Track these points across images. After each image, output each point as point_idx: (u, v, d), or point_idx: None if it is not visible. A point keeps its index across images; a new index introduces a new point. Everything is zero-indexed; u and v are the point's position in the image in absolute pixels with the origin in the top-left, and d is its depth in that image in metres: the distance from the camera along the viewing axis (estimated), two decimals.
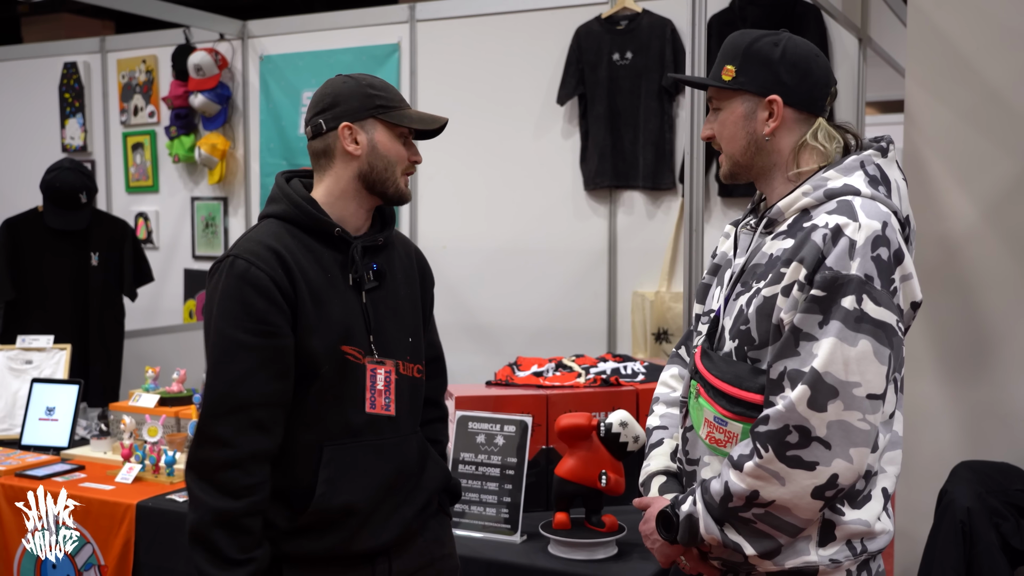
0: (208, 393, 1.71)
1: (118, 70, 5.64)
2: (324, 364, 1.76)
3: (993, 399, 3.08)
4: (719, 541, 1.62)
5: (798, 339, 1.55)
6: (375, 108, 1.81)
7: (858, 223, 1.55)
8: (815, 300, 1.54)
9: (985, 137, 3.08)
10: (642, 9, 4.19)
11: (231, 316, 1.70)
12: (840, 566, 1.60)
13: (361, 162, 1.81)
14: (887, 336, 1.53)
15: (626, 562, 2.28)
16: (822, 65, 1.69)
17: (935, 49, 3.14)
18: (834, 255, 1.54)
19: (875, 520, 1.62)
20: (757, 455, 1.55)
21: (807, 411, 1.51)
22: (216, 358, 1.71)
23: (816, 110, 1.68)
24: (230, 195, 5.34)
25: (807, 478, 1.52)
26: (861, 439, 1.53)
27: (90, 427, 3.45)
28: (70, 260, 4.17)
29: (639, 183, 4.23)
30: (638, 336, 4.26)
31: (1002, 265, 3.07)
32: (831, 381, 1.51)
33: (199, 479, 1.69)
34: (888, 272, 1.54)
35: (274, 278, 1.71)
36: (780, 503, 1.55)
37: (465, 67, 4.60)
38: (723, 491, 1.60)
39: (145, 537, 2.68)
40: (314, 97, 1.86)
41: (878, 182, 1.62)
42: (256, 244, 1.75)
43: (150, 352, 4.55)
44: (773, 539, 1.59)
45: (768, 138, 1.68)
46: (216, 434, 1.68)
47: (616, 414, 2.36)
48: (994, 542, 2.47)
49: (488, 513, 2.43)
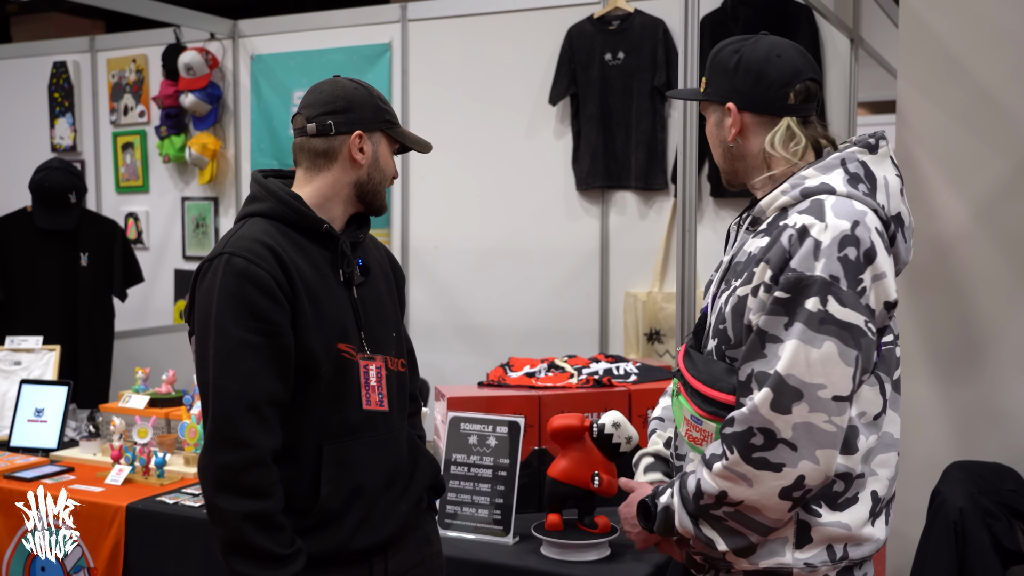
0: (220, 395, 1.66)
1: (108, 69, 5.61)
2: (323, 363, 1.76)
3: (985, 399, 3.09)
4: (693, 535, 1.64)
5: (764, 341, 1.56)
6: (384, 122, 1.85)
7: (824, 223, 1.55)
8: (779, 302, 1.55)
9: (976, 137, 3.09)
10: (634, 9, 4.18)
11: (234, 315, 1.67)
12: (816, 571, 1.59)
13: (362, 171, 1.83)
14: (853, 337, 1.52)
15: (619, 563, 2.27)
16: (781, 66, 1.68)
17: (927, 49, 3.15)
18: (799, 256, 1.54)
19: (860, 525, 1.60)
20: (724, 457, 1.57)
21: (771, 413, 1.52)
22: (223, 358, 1.67)
23: (776, 111, 1.68)
24: (221, 195, 5.31)
25: (774, 479, 1.53)
26: (827, 440, 1.53)
27: (79, 428, 3.43)
28: (59, 261, 4.14)
29: (631, 183, 4.22)
30: (630, 336, 4.26)
31: (994, 265, 3.08)
32: (794, 383, 1.51)
33: (222, 488, 1.65)
34: (856, 272, 1.53)
35: (274, 276, 1.69)
36: (748, 503, 1.56)
37: (457, 67, 4.59)
38: (696, 489, 1.62)
39: (135, 539, 2.67)
40: (320, 95, 1.84)
41: (859, 180, 1.62)
42: (251, 242, 1.71)
43: (140, 353, 4.53)
44: (745, 537, 1.60)
45: (732, 144, 1.72)
46: (236, 436, 1.65)
47: (609, 415, 2.35)
48: (986, 542, 2.48)
49: (480, 515, 2.42)
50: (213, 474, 1.66)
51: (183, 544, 2.62)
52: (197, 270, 1.76)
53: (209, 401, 1.68)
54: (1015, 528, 2.55)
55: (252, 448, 1.65)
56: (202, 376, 1.71)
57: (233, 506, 1.64)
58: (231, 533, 1.65)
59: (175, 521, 2.64)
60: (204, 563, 2.59)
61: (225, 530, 1.66)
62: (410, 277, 4.66)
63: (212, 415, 1.67)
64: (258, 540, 1.64)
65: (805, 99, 1.70)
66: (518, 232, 4.47)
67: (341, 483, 1.77)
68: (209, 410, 1.68)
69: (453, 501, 2.46)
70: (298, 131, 1.85)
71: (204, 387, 1.70)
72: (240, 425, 1.65)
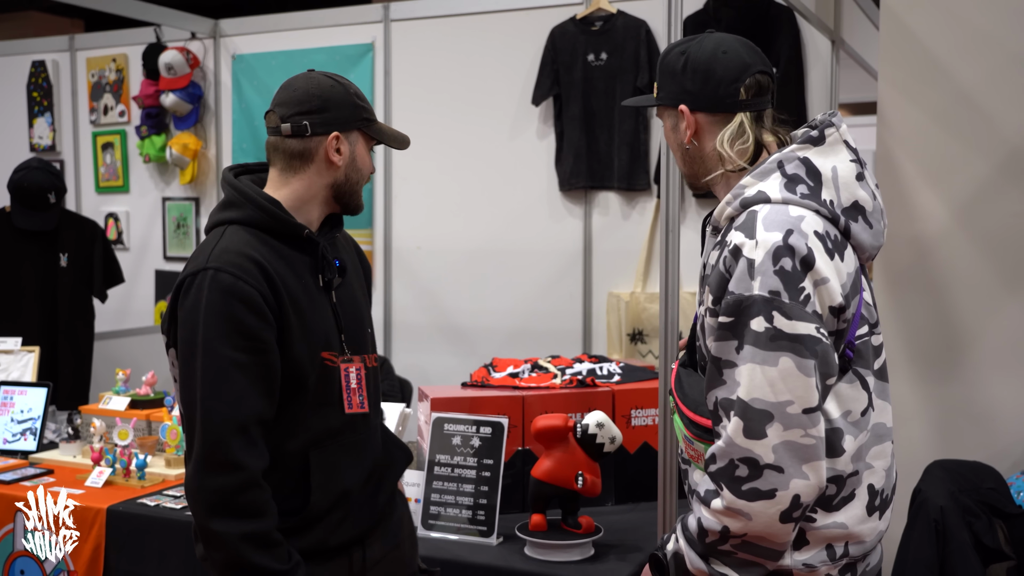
0: (209, 417, 1.61)
1: (88, 69, 5.57)
2: (310, 375, 1.74)
3: (965, 398, 3.11)
4: (707, 573, 1.59)
5: (720, 367, 1.54)
6: (361, 120, 1.80)
7: (755, 240, 1.52)
8: (725, 326, 1.53)
9: (957, 138, 3.11)
10: (617, 10, 4.19)
11: (221, 333, 1.62)
12: (816, 571, 1.57)
13: (339, 172, 1.79)
14: (807, 347, 1.48)
15: (603, 563, 2.27)
16: (728, 62, 1.64)
17: (907, 51, 3.17)
18: (735, 278, 1.52)
19: (858, 522, 1.59)
20: (718, 494, 1.53)
21: (746, 442, 1.49)
22: (211, 379, 1.62)
23: (728, 108, 1.64)
24: (202, 195, 5.28)
25: (771, 507, 1.49)
26: (811, 454, 1.49)
27: (59, 430, 3.40)
28: (38, 261, 4.10)
29: (614, 184, 4.23)
30: (613, 337, 4.26)
31: (974, 265, 3.10)
32: (761, 406, 1.48)
33: (215, 511, 1.61)
34: (796, 282, 1.49)
35: (261, 292, 1.65)
36: (752, 535, 1.52)
37: (440, 67, 4.58)
38: (698, 528, 1.58)
39: (116, 541, 2.65)
40: (295, 93, 1.77)
41: (798, 180, 1.57)
42: (236, 255, 1.66)
43: (120, 354, 4.50)
44: (760, 565, 1.57)
45: (689, 146, 1.69)
46: (228, 459, 1.60)
47: (592, 415, 2.36)
48: (967, 541, 2.49)
49: (464, 515, 2.42)
50: (206, 498, 1.62)
51: (164, 546, 2.60)
52: (179, 284, 1.70)
53: (196, 422, 1.63)
54: (995, 526, 2.57)
55: (244, 470, 1.61)
56: (187, 395, 1.65)
57: (229, 528, 1.61)
58: (229, 555, 1.62)
59: (156, 523, 2.62)
60: (185, 565, 2.57)
61: (223, 553, 1.63)
62: (393, 277, 4.65)
63: (202, 439, 1.62)
64: (257, 559, 1.62)
65: (757, 93, 1.65)
66: (501, 232, 4.47)
67: (328, 487, 1.76)
68: (197, 432, 1.63)
69: (437, 502, 2.45)
70: (271, 129, 1.79)
71: (189, 407, 1.65)
72: (232, 448, 1.61)
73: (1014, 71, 3.05)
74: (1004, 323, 3.07)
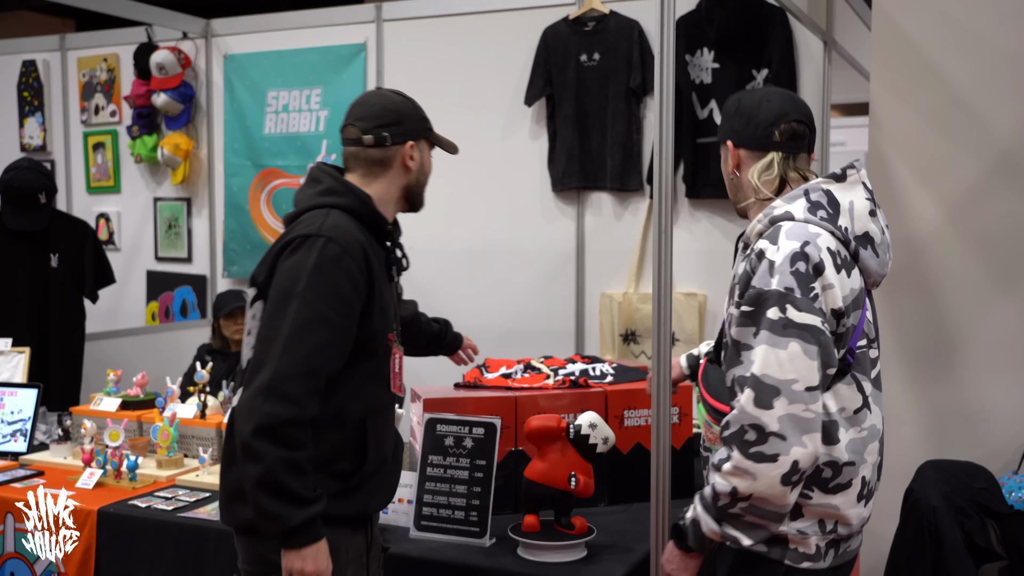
0: (287, 354, 1.80)
1: (78, 68, 5.55)
2: (379, 348, 1.99)
3: (957, 399, 3.12)
4: (720, 535, 1.83)
5: (739, 350, 1.81)
6: (427, 130, 2.10)
7: (777, 246, 1.81)
8: (745, 315, 1.81)
9: (948, 139, 3.12)
10: (609, 10, 4.19)
11: (320, 291, 1.85)
12: (807, 538, 1.84)
13: (411, 176, 2.08)
14: (813, 336, 1.75)
15: (596, 564, 2.27)
16: (769, 109, 1.96)
17: (899, 52, 3.17)
18: (757, 275, 1.81)
19: (849, 507, 1.85)
20: (729, 457, 1.77)
21: (756, 410, 1.74)
22: (300, 325, 1.82)
23: (763, 147, 1.95)
24: (194, 196, 5.27)
25: (773, 469, 1.73)
26: (810, 426, 1.74)
27: (50, 432, 3.38)
28: (29, 261, 4.09)
29: (607, 184, 4.23)
30: (606, 337, 4.26)
31: (965, 266, 3.11)
32: (771, 381, 1.74)
33: (262, 433, 1.77)
34: (808, 282, 1.77)
35: (360, 269, 1.91)
36: (757, 495, 1.75)
37: (432, 68, 4.58)
38: (712, 493, 1.81)
39: (106, 543, 2.63)
40: (372, 109, 2.04)
41: (820, 207, 1.86)
42: (345, 233, 1.91)
43: (111, 355, 4.48)
44: (763, 528, 1.81)
45: (732, 176, 2.01)
46: (289, 393, 1.79)
47: (585, 415, 2.35)
48: (959, 541, 2.50)
49: (457, 516, 2.41)
50: (258, 419, 1.78)
51: (155, 548, 2.59)
52: (286, 243, 1.91)
53: (272, 356, 1.81)
54: (987, 526, 2.58)
55: (300, 407, 1.80)
56: (267, 333, 1.85)
57: (270, 450, 1.77)
58: (265, 473, 1.78)
59: (147, 525, 2.61)
60: (176, 567, 2.56)
61: (259, 468, 1.78)
62: None
63: (273, 369, 1.80)
64: (288, 481, 1.79)
65: (791, 138, 1.95)
66: (494, 233, 4.46)
67: (377, 453, 1.99)
68: (269, 364, 1.81)
69: (429, 503, 2.44)
70: (351, 141, 2.04)
71: (268, 342, 1.84)
72: (297, 385, 1.80)
73: (1006, 72, 3.06)
74: (996, 323, 3.08)
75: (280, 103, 4.91)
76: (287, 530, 1.81)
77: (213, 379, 3.65)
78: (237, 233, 5.06)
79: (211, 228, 5.17)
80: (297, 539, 1.82)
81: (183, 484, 2.90)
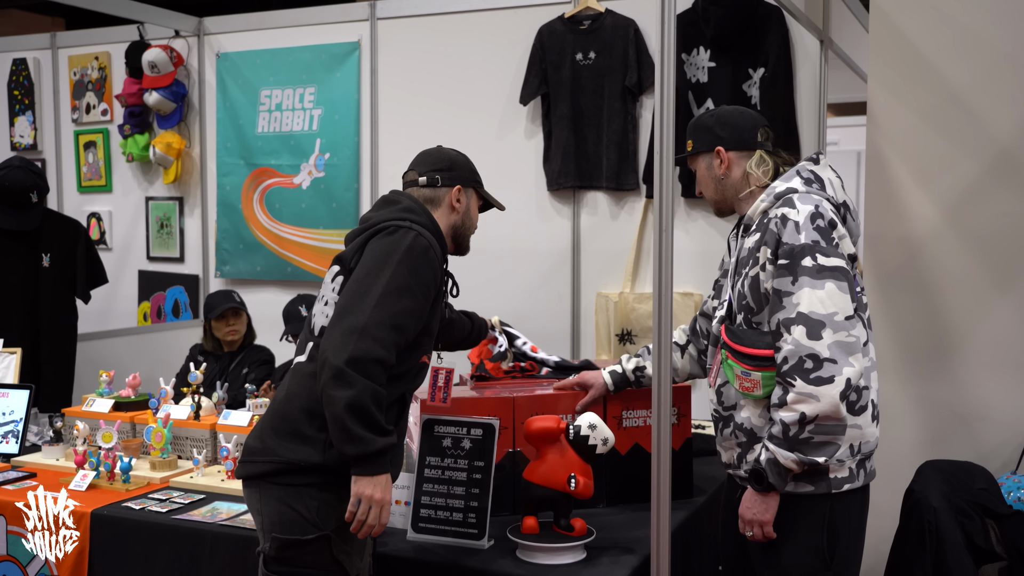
0: (378, 307, 2.03)
1: (69, 67, 5.51)
2: (427, 342, 2.23)
3: (955, 398, 3.11)
4: (799, 462, 2.09)
5: (780, 297, 2.13)
6: (476, 182, 2.39)
7: (796, 209, 2.15)
8: (783, 267, 2.13)
9: (946, 138, 3.11)
10: (605, 9, 4.17)
11: (410, 269, 2.09)
12: (843, 464, 2.16)
13: (457, 217, 2.34)
14: (843, 275, 2.11)
15: (595, 566, 2.25)
16: (746, 115, 2.38)
17: (897, 51, 3.17)
18: (786, 234, 2.14)
19: (868, 424, 2.19)
20: (791, 387, 2.07)
21: (809, 342, 2.06)
22: (394, 288, 2.06)
23: (750, 147, 2.33)
24: (186, 195, 5.23)
25: (832, 389, 2.04)
26: (854, 348, 2.07)
27: (42, 433, 3.35)
28: (20, 261, 4.05)
29: (602, 183, 4.21)
30: (602, 337, 4.25)
31: (963, 265, 3.10)
32: (817, 317, 2.06)
33: (354, 364, 1.97)
34: (828, 234, 2.13)
35: (439, 267, 2.21)
36: (823, 415, 2.05)
37: (427, 66, 4.55)
38: (781, 428, 2.09)
39: (99, 546, 2.61)
40: (429, 156, 2.37)
41: (812, 181, 2.24)
42: (429, 232, 2.19)
43: (103, 355, 4.44)
44: (832, 443, 2.11)
45: (723, 177, 2.35)
46: (382, 336, 2.01)
47: (585, 416, 2.34)
48: (960, 541, 2.49)
49: (455, 518, 2.39)
50: (352, 350, 1.98)
51: (149, 551, 2.56)
52: (379, 227, 2.16)
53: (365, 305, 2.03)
54: (987, 527, 2.57)
55: (387, 351, 2.02)
56: (359, 288, 2.07)
57: (360, 379, 1.97)
58: (356, 397, 1.96)
59: (141, 527, 2.58)
60: (171, 569, 2.53)
61: (351, 393, 1.96)
62: None
63: (368, 315, 2.02)
64: (373, 409, 1.98)
65: (766, 138, 2.36)
66: (489, 232, 4.37)
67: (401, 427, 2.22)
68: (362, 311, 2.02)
69: (427, 504, 2.42)
70: (409, 183, 2.35)
71: (358, 296, 2.06)
72: (388, 332, 2.03)
73: (1003, 71, 3.05)
74: (994, 323, 3.07)
75: (273, 102, 4.88)
76: (368, 453, 1.99)
77: (206, 380, 3.63)
78: (230, 232, 5.02)
79: (203, 227, 5.14)
80: (373, 465, 2.01)
81: (177, 486, 2.87)
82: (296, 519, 2.08)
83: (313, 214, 4.82)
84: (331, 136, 4.76)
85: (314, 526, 2.07)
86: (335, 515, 2.08)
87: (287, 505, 2.09)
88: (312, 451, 2.08)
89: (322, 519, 2.08)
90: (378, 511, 2.03)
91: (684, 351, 2.63)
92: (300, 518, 2.08)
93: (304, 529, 2.07)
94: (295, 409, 2.13)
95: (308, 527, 2.07)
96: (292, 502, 2.08)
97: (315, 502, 2.08)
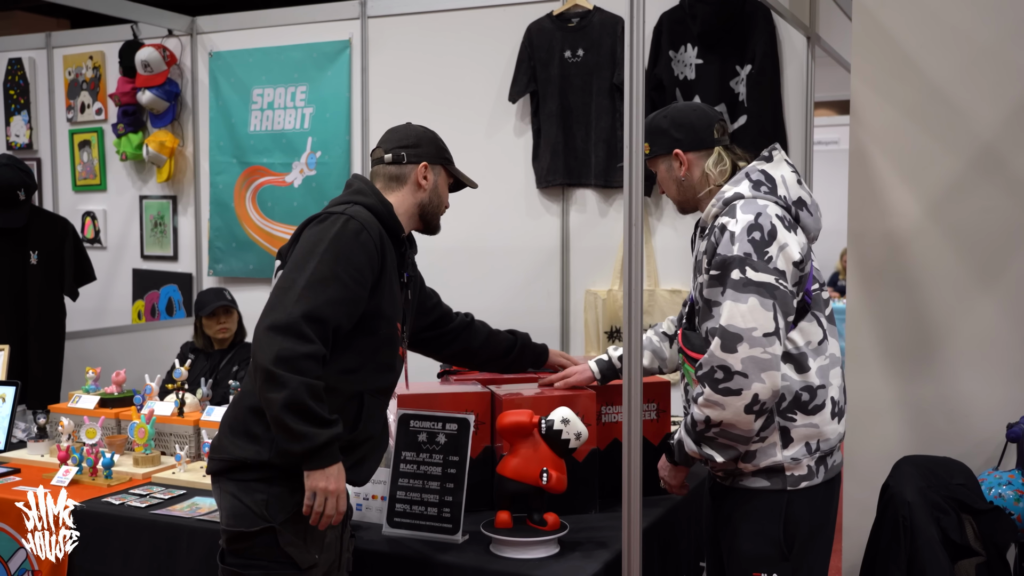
0: (302, 301, 2.02)
1: (64, 66, 5.53)
2: (382, 328, 2.19)
3: (937, 395, 3.10)
4: (699, 454, 2.22)
5: (710, 306, 2.19)
6: (443, 159, 2.36)
7: (735, 219, 2.17)
8: (714, 277, 2.18)
9: (929, 134, 3.10)
10: (593, 6, 4.17)
11: (337, 256, 2.07)
12: (799, 462, 2.22)
13: (424, 195, 2.32)
14: (768, 292, 2.11)
15: (568, 560, 2.25)
16: (700, 114, 2.36)
17: (880, 47, 3.16)
18: (721, 245, 2.17)
19: (826, 423, 2.22)
20: (703, 393, 2.14)
21: (722, 354, 2.09)
22: (316, 279, 2.04)
23: (708, 145, 2.33)
24: (179, 194, 5.25)
25: (737, 401, 2.09)
26: (768, 365, 2.09)
27: (28, 430, 3.37)
28: (8, 259, 4.06)
29: (591, 181, 4.21)
30: (591, 335, 4.25)
31: (946, 261, 3.09)
32: (734, 330, 2.09)
33: (282, 363, 1.96)
34: (763, 247, 2.13)
35: (375, 247, 2.14)
36: (726, 422, 2.13)
37: (416, 64, 4.56)
38: (691, 420, 2.21)
39: (80, 541, 2.62)
40: (395, 133, 2.35)
41: (761, 184, 2.23)
42: (365, 215, 2.16)
43: (95, 353, 4.46)
44: (733, 448, 2.19)
45: (683, 178, 2.36)
46: (305, 332, 2.00)
47: (558, 411, 2.34)
48: (935, 536, 2.48)
49: (430, 513, 2.40)
50: (277, 351, 1.97)
51: (129, 545, 2.58)
52: (311, 218, 2.18)
53: (286, 300, 2.03)
54: (963, 522, 2.56)
55: (313, 344, 2.00)
56: (284, 284, 2.07)
57: (292, 377, 1.96)
58: (290, 396, 1.96)
59: (120, 522, 2.59)
60: (150, 564, 2.55)
61: (284, 392, 1.96)
62: None
63: (288, 311, 2.01)
64: (311, 404, 1.98)
65: (722, 133, 2.35)
66: (478, 230, 4.44)
67: (368, 426, 2.20)
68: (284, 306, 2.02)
69: (402, 499, 2.43)
70: (376, 160, 2.34)
71: (282, 291, 2.05)
72: (310, 326, 2.01)
73: (986, 66, 3.04)
74: (976, 318, 3.06)
75: (265, 100, 4.90)
76: (314, 448, 1.99)
77: (195, 377, 3.64)
78: (223, 231, 5.04)
79: (197, 226, 5.16)
80: (322, 458, 2.01)
81: (159, 481, 2.88)
82: (245, 512, 2.10)
83: (305, 212, 4.79)
84: (322, 134, 4.77)
85: (261, 518, 2.09)
86: (285, 508, 2.10)
87: (238, 499, 2.12)
88: (260, 449, 2.11)
89: (271, 512, 2.10)
90: (334, 501, 2.05)
91: (673, 341, 2.64)
92: (249, 511, 2.10)
93: (251, 522, 2.09)
94: (244, 408, 2.16)
95: (255, 519, 2.09)
96: (242, 496, 2.11)
97: (263, 496, 2.10)
